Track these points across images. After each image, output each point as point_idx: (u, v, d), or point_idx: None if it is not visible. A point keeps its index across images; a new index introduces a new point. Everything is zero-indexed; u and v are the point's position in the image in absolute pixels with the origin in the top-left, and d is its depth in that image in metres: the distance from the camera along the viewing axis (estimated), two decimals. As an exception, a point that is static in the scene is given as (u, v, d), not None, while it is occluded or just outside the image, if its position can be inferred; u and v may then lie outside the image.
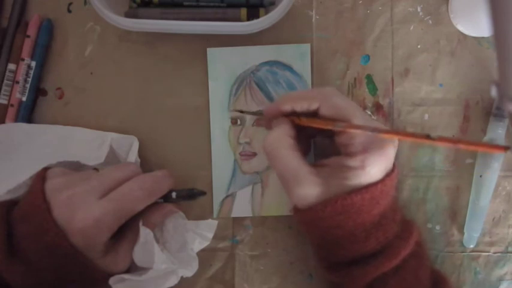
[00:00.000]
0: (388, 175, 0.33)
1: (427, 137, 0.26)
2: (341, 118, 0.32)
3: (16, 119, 0.41)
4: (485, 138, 0.40)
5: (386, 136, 0.30)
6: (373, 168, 0.32)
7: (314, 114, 0.34)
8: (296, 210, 0.35)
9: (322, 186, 0.32)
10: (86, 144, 0.39)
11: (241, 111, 0.40)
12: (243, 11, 0.40)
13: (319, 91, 0.35)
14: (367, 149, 0.32)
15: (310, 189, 0.32)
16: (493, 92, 0.26)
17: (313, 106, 0.33)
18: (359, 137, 0.32)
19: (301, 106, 0.34)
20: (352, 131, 0.31)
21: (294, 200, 0.34)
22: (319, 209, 0.32)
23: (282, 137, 0.34)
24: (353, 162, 0.32)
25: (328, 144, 0.37)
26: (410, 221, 0.36)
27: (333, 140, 0.35)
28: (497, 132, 0.40)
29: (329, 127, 0.32)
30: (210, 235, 0.38)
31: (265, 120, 0.37)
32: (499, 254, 0.41)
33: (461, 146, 0.25)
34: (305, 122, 0.34)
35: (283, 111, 0.35)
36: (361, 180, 0.32)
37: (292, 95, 0.36)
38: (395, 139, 0.31)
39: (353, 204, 0.32)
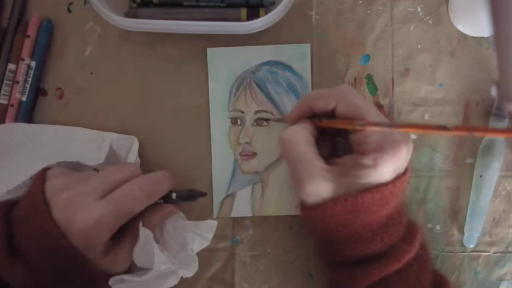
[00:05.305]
0: (398, 177, 0.33)
1: (444, 128, 0.26)
2: (357, 116, 0.32)
3: (16, 119, 0.41)
4: (486, 138, 0.40)
5: (403, 130, 0.30)
6: (385, 168, 0.31)
7: (331, 115, 0.34)
8: (304, 206, 0.34)
9: (334, 183, 0.32)
10: (86, 144, 0.39)
11: (266, 120, 0.41)
12: (243, 11, 0.40)
13: (336, 89, 0.35)
14: (381, 147, 0.31)
15: (321, 185, 0.32)
16: (493, 92, 0.26)
17: (331, 105, 0.33)
18: (373, 135, 0.32)
19: (319, 105, 0.34)
20: (371, 129, 0.31)
21: (303, 195, 0.33)
22: (329, 206, 0.32)
23: (301, 131, 0.34)
24: (366, 160, 0.31)
25: (343, 144, 0.37)
26: (414, 224, 0.36)
27: (347, 140, 0.35)
28: (497, 132, 0.40)
29: (349, 127, 0.32)
30: (210, 235, 0.38)
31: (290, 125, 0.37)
32: (499, 254, 0.41)
33: (477, 134, 0.25)
34: (326, 123, 0.34)
35: (303, 112, 0.35)
36: (372, 179, 0.32)
37: (309, 95, 0.36)
38: (412, 132, 0.30)
39: (363, 203, 0.31)
